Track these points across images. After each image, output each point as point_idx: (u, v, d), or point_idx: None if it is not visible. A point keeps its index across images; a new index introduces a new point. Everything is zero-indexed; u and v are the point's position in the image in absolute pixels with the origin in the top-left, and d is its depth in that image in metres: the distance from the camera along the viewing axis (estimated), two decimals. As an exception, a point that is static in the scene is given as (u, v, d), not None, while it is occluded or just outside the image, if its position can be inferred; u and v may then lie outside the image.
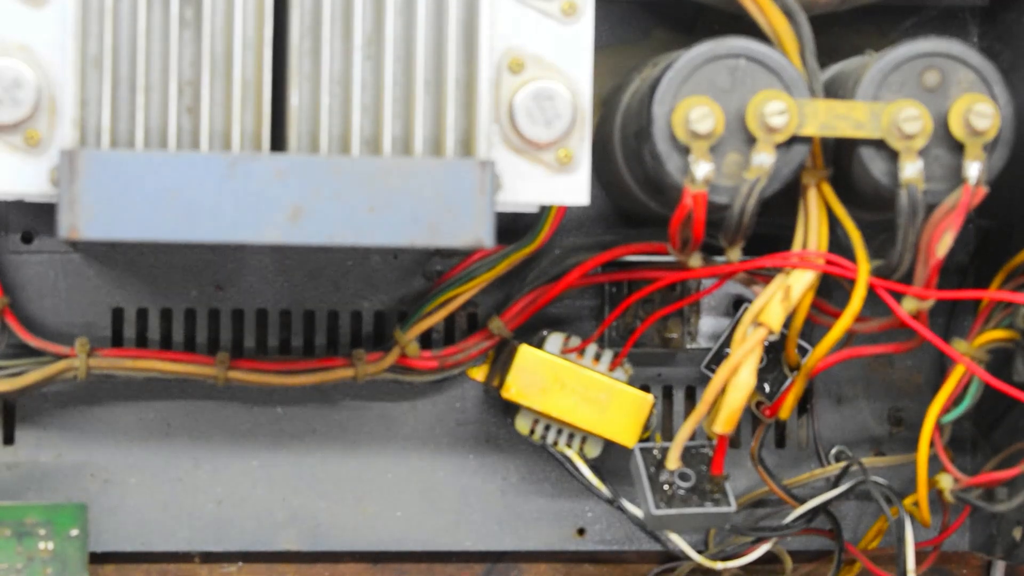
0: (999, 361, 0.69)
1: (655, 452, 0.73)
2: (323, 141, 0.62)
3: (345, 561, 0.78)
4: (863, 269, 0.66)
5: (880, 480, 0.72)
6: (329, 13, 0.62)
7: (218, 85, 0.62)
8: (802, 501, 0.72)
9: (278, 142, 0.62)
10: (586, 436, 0.73)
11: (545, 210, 0.70)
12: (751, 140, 0.64)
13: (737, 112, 0.64)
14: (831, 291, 0.69)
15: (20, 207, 0.72)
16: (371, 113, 0.63)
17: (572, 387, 0.71)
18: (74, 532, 0.71)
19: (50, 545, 0.71)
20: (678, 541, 0.74)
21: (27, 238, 0.74)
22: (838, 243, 0.67)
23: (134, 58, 0.62)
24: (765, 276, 0.68)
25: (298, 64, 0.62)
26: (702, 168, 0.63)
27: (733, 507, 0.73)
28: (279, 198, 0.59)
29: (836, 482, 0.73)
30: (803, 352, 0.71)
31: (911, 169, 0.64)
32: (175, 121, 0.62)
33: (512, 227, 0.70)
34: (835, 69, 0.69)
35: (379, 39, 0.63)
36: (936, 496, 0.71)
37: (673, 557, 0.76)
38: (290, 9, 0.62)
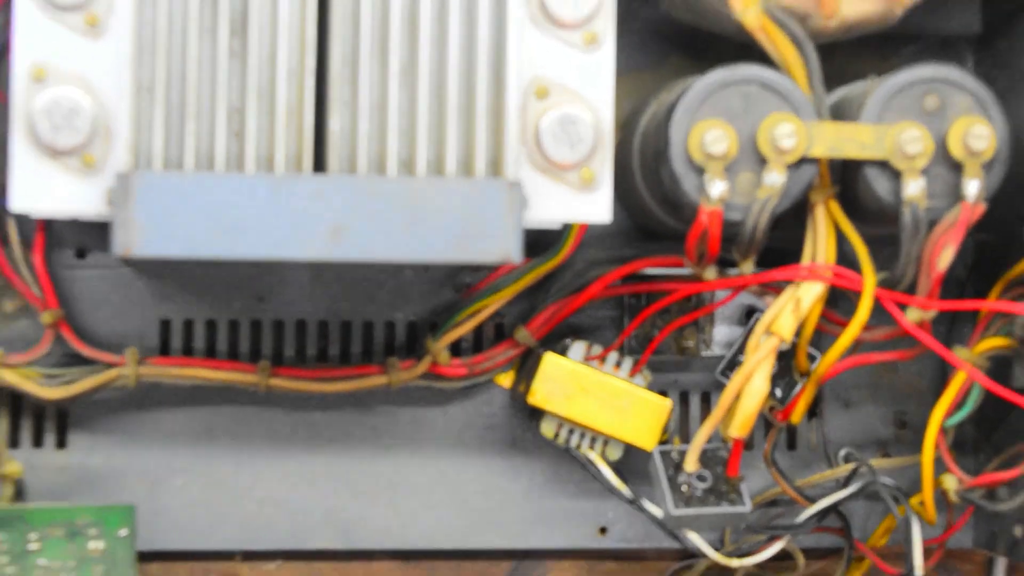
0: (998, 367, 0.70)
1: (673, 455, 0.73)
2: (361, 163, 0.63)
3: (378, 559, 0.78)
4: (869, 281, 0.67)
5: (887, 481, 0.72)
6: (367, 43, 0.63)
7: (263, 111, 0.63)
8: (813, 501, 0.72)
9: (319, 164, 0.63)
10: (607, 440, 0.73)
11: (568, 226, 0.71)
12: (762, 161, 0.65)
13: (749, 134, 0.65)
14: (838, 302, 0.69)
15: (74, 224, 0.72)
16: (406, 137, 0.63)
17: (594, 393, 0.71)
18: (123, 532, 0.71)
19: (100, 545, 0.70)
20: (696, 539, 0.74)
21: (81, 254, 0.75)
22: (845, 257, 0.68)
23: (184, 86, 0.62)
24: (776, 288, 0.69)
25: (338, 91, 0.63)
26: (717, 187, 0.64)
27: (748, 507, 0.73)
28: (320, 217, 0.60)
29: (845, 483, 0.73)
30: (812, 359, 0.71)
31: (913, 187, 0.65)
32: (223, 145, 0.62)
33: (537, 242, 0.70)
34: (840, 93, 0.70)
35: (413, 68, 0.63)
36: (941, 496, 0.71)
37: (691, 555, 0.76)
38: (330, 40, 0.63)
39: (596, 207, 0.64)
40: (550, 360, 0.72)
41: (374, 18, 0.63)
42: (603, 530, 0.78)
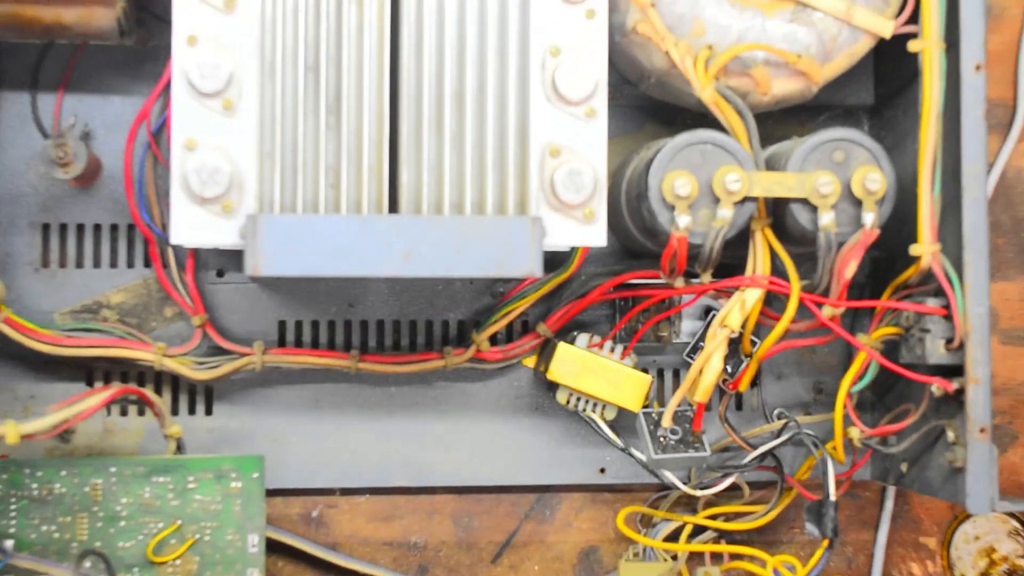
0: (889, 349, 0.70)
1: (653, 415, 0.73)
2: (424, 206, 0.63)
3: (439, 493, 0.78)
4: (795, 287, 0.67)
5: (809, 432, 0.71)
6: (427, 118, 0.63)
7: (352, 169, 0.63)
8: (755, 447, 0.72)
9: (393, 207, 0.63)
10: (605, 405, 0.73)
11: (575, 249, 0.71)
12: (716, 200, 0.65)
13: (707, 181, 0.65)
14: (773, 302, 0.68)
15: (215, 252, 0.74)
16: (456, 186, 0.63)
17: (595, 371, 0.71)
18: (255, 475, 0.71)
19: (239, 485, 0.71)
20: (670, 476, 0.74)
21: (220, 273, 0.75)
22: (777, 269, 0.68)
23: (295, 151, 0.63)
24: (727, 292, 0.68)
25: (406, 153, 0.63)
26: (683, 220, 0.64)
27: (708, 452, 0.73)
28: (394, 245, 0.60)
29: (778, 434, 0.72)
30: (754, 344, 0.71)
31: (826, 218, 0.65)
32: (323, 194, 0.63)
33: (552, 260, 0.70)
34: (772, 150, 0.69)
35: (461, 135, 0.63)
36: (848, 442, 0.71)
37: (666, 487, 0.76)
38: (401, 116, 0.63)
39: (595, 235, 0.63)
40: (563, 347, 0.71)
41: (432, 100, 0.63)
42: (602, 470, 0.78)
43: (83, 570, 0.66)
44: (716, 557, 0.75)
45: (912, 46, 0.66)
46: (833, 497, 0.69)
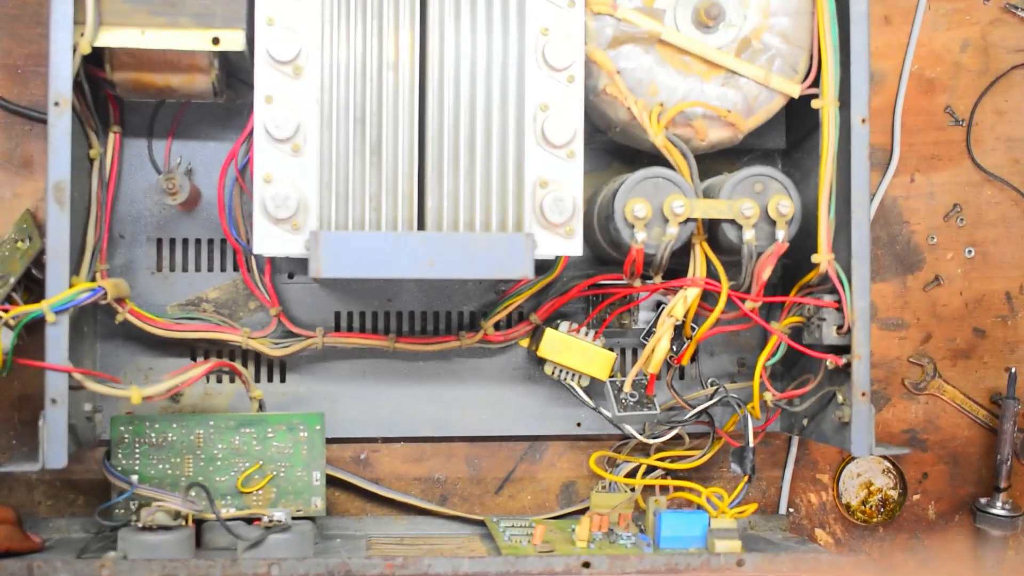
0: (795, 333, 0.70)
1: (617, 383, 0.73)
2: (444, 224, 0.63)
3: (456, 441, 0.77)
4: (724, 287, 0.67)
5: (734, 395, 0.71)
6: (447, 158, 0.63)
7: (389, 196, 0.63)
8: (694, 407, 0.72)
9: (421, 225, 0.63)
10: (581, 375, 0.72)
11: (558, 257, 0.70)
12: (666, 220, 0.65)
13: (658, 206, 0.65)
14: (708, 298, 0.68)
15: (287, 259, 0.73)
16: (469, 210, 0.63)
17: (573, 350, 0.70)
18: (317, 427, 0.71)
19: (305, 435, 0.70)
20: (630, 429, 0.73)
21: (290, 276, 0.75)
22: (711, 273, 0.68)
23: (347, 183, 0.62)
24: (673, 290, 0.68)
25: (431, 185, 0.63)
26: (640, 236, 0.64)
27: (658, 411, 0.73)
28: (422, 254, 0.60)
29: (711, 397, 0.72)
30: (694, 329, 0.70)
31: (749, 234, 0.65)
32: (368, 215, 0.62)
33: (541, 266, 0.69)
34: (708, 182, 0.69)
35: (472, 171, 0.63)
36: (763, 404, 0.70)
37: (626, 437, 0.75)
38: (427, 156, 0.63)
39: (573, 247, 0.63)
40: (549, 332, 0.71)
41: (451, 144, 0.63)
42: (578, 424, 0.77)
43: (189, 498, 0.67)
44: (664, 489, 0.74)
45: (814, 104, 0.66)
46: (752, 444, 0.69)
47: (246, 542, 0.64)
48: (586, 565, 0.61)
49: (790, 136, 0.75)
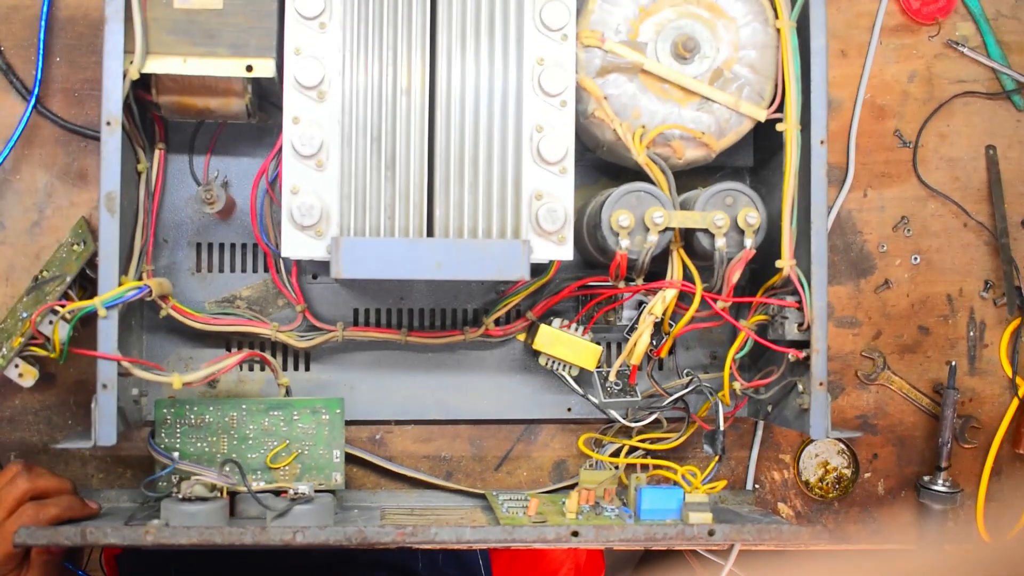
0: (761, 329, 0.70)
1: (603, 372, 0.73)
2: (451, 231, 0.63)
3: (460, 424, 0.77)
4: (699, 288, 0.67)
5: (707, 384, 0.71)
6: (454, 172, 0.63)
7: (402, 207, 0.63)
8: (671, 394, 0.72)
9: (430, 232, 0.63)
10: (571, 366, 0.72)
11: (552, 261, 0.70)
12: (647, 229, 0.65)
13: (640, 216, 0.65)
14: (684, 298, 0.68)
15: (311, 262, 0.73)
16: (472, 219, 0.63)
17: (565, 343, 0.71)
18: (337, 411, 0.71)
19: (327, 417, 0.70)
20: (614, 414, 0.73)
21: (314, 276, 0.75)
22: (687, 275, 0.68)
23: (364, 195, 0.63)
24: (654, 291, 0.68)
25: (439, 196, 0.63)
26: (624, 243, 0.65)
27: (639, 398, 0.73)
28: (431, 257, 0.60)
29: (686, 386, 0.72)
30: (671, 326, 0.71)
31: (720, 242, 0.65)
32: (383, 223, 0.63)
33: (536, 269, 0.69)
34: (684, 196, 0.69)
35: (476, 185, 0.63)
36: (732, 392, 0.71)
37: (611, 421, 0.75)
38: (435, 170, 0.63)
39: (565, 252, 0.63)
40: (543, 327, 0.71)
41: (456, 160, 0.63)
42: (569, 409, 0.77)
43: (224, 473, 0.67)
44: (644, 467, 0.75)
45: (779, 127, 0.67)
46: (722, 428, 0.69)
47: (274, 512, 0.65)
48: (575, 534, 0.61)
49: (757, 155, 0.75)
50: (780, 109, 0.67)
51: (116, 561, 0.92)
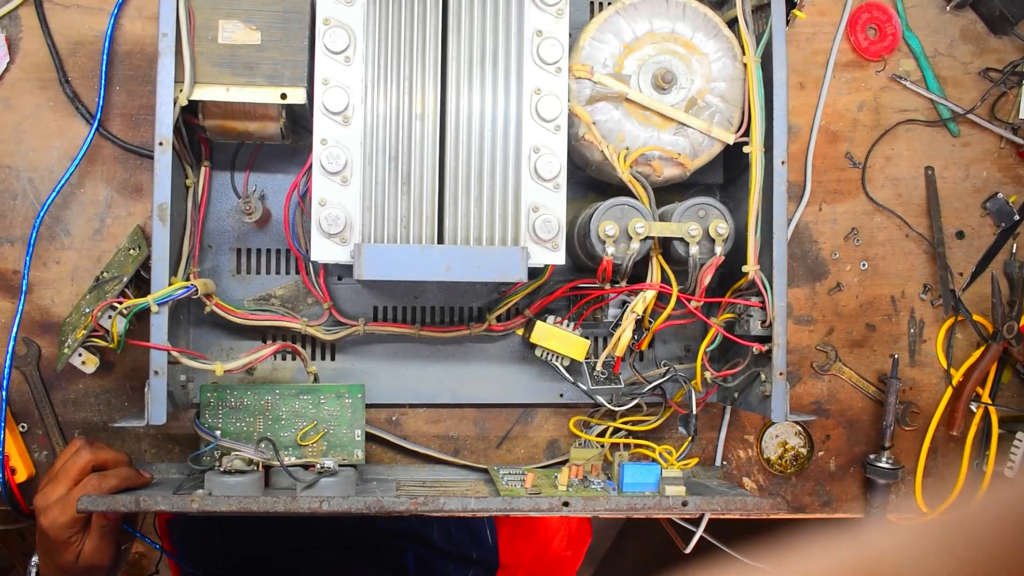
0: (729, 326, 0.69)
1: (591, 363, 0.72)
2: (459, 239, 0.62)
3: (466, 407, 0.76)
4: (675, 289, 0.66)
5: (681, 374, 0.71)
6: (462, 187, 0.62)
7: (415, 217, 0.62)
8: (650, 382, 0.71)
9: (440, 240, 0.62)
10: (563, 357, 0.71)
11: (546, 266, 0.70)
12: (629, 238, 0.64)
13: (624, 227, 0.64)
14: (662, 298, 0.68)
15: (337, 265, 0.72)
16: (478, 228, 0.62)
17: (558, 337, 0.70)
18: (359, 396, 0.70)
19: (349, 401, 0.70)
20: (600, 399, 0.73)
21: (340, 278, 0.74)
22: (665, 279, 0.67)
23: (383, 207, 0.62)
24: (636, 292, 0.67)
25: (448, 208, 0.62)
26: (610, 250, 0.64)
27: (623, 385, 0.72)
28: (441, 261, 0.60)
29: (664, 375, 0.72)
30: (651, 322, 0.70)
31: (694, 250, 0.65)
32: (399, 232, 0.62)
33: (533, 272, 0.69)
34: (663, 209, 0.68)
35: (480, 198, 0.63)
36: (704, 380, 0.70)
37: (598, 406, 0.74)
38: (445, 186, 0.62)
39: (558, 257, 0.63)
40: (539, 324, 0.70)
41: (464, 177, 0.63)
42: (561, 395, 0.76)
43: (260, 449, 0.66)
44: (626, 446, 0.74)
45: (745, 149, 0.66)
46: (695, 412, 0.69)
47: (303, 483, 0.64)
48: (565, 504, 0.60)
49: (726, 174, 0.75)
50: (746, 134, 0.66)
51: (168, 525, 0.91)
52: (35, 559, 0.65)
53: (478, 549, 0.92)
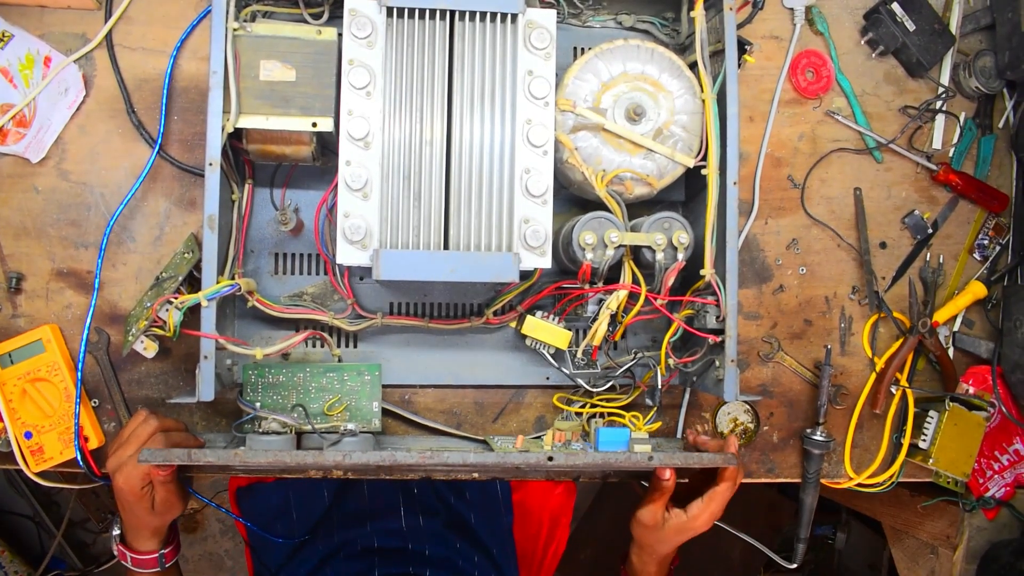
0: (689, 320, 0.68)
1: (573, 351, 0.71)
2: (462, 246, 0.61)
3: (467, 388, 0.76)
4: (643, 289, 0.66)
5: (650, 359, 0.70)
6: (464, 203, 0.61)
7: (425, 225, 0.61)
8: (622, 366, 0.71)
9: (446, 246, 0.62)
10: (549, 346, 0.70)
11: (535, 269, 0.68)
12: (605, 246, 0.64)
13: (601, 236, 0.64)
14: (632, 296, 0.67)
15: (359, 268, 0.70)
16: (477, 236, 0.62)
17: (545, 330, 0.69)
18: (376, 374, 0.69)
19: (368, 378, 0.69)
20: (580, 382, 0.72)
21: (361, 278, 0.73)
22: (635, 280, 0.66)
23: (397, 218, 0.61)
24: (610, 292, 0.67)
25: (453, 220, 0.62)
26: (589, 256, 0.63)
27: (599, 370, 0.72)
28: (446, 265, 0.59)
29: (634, 360, 0.71)
30: (623, 317, 0.69)
31: (660, 256, 0.64)
32: (411, 239, 0.61)
33: (524, 274, 0.68)
34: (634, 222, 0.68)
35: (480, 212, 0.62)
36: (667, 366, 0.69)
37: (578, 387, 0.73)
38: (451, 201, 0.62)
39: (545, 262, 0.62)
40: (529, 318, 0.70)
41: (467, 193, 0.62)
42: (547, 378, 0.75)
43: (293, 416, 0.66)
44: (601, 415, 0.73)
45: (703, 172, 0.65)
46: (660, 387, 0.69)
47: (329, 442, 0.63)
48: (550, 459, 0.59)
49: (687, 192, 0.74)
50: (704, 158, 0.66)
51: (236, 496, 0.90)
52: (117, 518, 0.65)
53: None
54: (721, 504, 0.64)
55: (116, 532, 0.66)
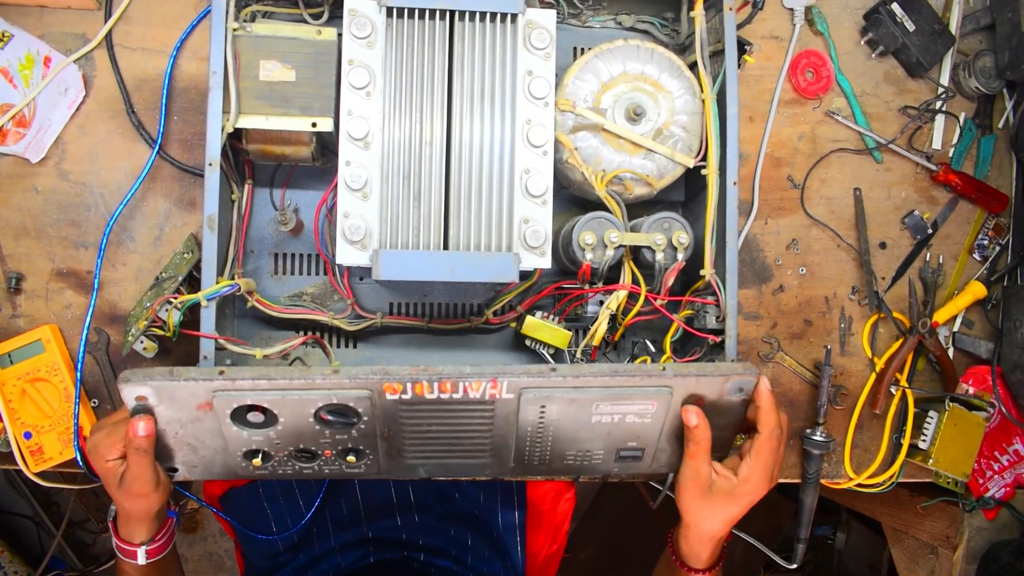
0: (689, 320, 0.68)
1: (572, 351, 0.71)
2: (461, 246, 0.61)
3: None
4: (643, 290, 0.65)
5: (650, 347, 0.71)
6: (464, 200, 0.61)
7: (424, 225, 0.61)
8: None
9: (446, 246, 0.61)
10: (549, 345, 0.70)
11: (535, 269, 0.68)
12: (605, 246, 0.63)
13: (601, 236, 0.63)
14: (632, 297, 0.67)
15: (359, 268, 0.70)
16: (477, 236, 0.61)
17: (545, 330, 0.69)
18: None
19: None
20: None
21: (361, 278, 0.73)
22: (635, 281, 0.66)
23: (397, 218, 0.61)
24: (610, 292, 0.66)
25: (453, 220, 0.61)
26: (589, 256, 0.63)
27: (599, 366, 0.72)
28: (446, 265, 0.58)
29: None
30: (623, 317, 0.69)
31: (659, 256, 0.64)
32: (411, 239, 0.61)
33: (524, 274, 0.68)
34: (633, 222, 0.67)
35: (480, 212, 0.61)
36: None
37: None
38: (451, 201, 0.61)
39: (545, 262, 0.62)
40: (529, 318, 0.69)
41: (467, 194, 0.62)
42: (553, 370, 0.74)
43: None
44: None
45: (703, 172, 0.65)
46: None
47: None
48: (553, 370, 0.56)
49: (687, 192, 0.74)
50: (704, 159, 0.65)
51: (220, 502, 0.89)
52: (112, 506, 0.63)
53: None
54: (770, 457, 0.55)
55: (112, 516, 0.62)
